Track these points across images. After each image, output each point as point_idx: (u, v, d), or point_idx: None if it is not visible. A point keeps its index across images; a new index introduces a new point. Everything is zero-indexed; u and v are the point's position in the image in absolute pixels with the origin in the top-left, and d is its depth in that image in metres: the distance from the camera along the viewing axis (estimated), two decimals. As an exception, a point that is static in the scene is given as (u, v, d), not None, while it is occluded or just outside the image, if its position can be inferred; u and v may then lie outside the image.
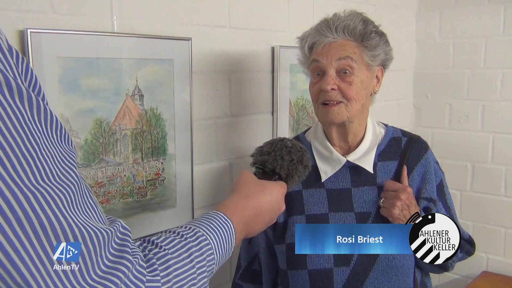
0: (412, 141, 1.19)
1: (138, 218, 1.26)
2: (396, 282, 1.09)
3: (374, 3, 1.99)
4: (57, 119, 0.51)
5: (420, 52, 2.33)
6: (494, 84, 2.12)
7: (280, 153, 0.89)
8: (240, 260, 1.26)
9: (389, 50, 1.14)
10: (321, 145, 1.17)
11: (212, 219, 0.69)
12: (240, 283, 1.25)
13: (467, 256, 1.23)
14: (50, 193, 0.45)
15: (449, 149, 2.25)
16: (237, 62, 1.50)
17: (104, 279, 0.48)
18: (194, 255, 0.62)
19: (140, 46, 1.21)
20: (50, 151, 0.48)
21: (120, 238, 0.53)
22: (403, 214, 1.07)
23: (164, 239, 0.61)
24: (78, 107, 1.10)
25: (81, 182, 0.51)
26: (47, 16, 1.05)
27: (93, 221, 0.50)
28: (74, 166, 0.50)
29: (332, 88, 1.06)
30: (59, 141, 0.50)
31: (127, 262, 0.51)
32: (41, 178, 0.45)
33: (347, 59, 1.06)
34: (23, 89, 0.46)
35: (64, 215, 0.46)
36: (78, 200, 0.49)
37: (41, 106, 0.48)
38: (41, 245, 0.44)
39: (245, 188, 0.80)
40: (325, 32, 1.07)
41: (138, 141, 1.24)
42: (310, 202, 1.14)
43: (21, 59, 0.50)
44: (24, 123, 0.45)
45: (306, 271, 1.09)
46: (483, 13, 2.12)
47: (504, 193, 2.14)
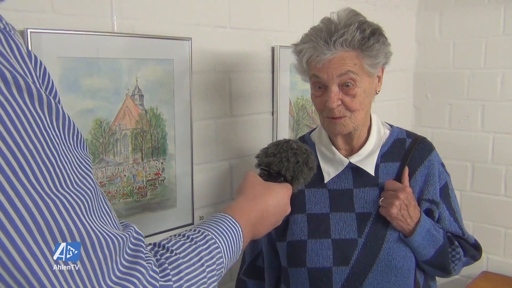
0: (416, 142, 1.18)
1: (138, 218, 1.26)
2: (395, 283, 1.09)
3: (374, 3, 1.99)
4: (74, 124, 0.51)
5: (420, 52, 2.33)
6: (494, 84, 2.12)
7: (285, 155, 0.89)
8: (244, 256, 1.27)
9: (388, 50, 1.11)
10: (325, 147, 1.17)
11: (220, 222, 0.69)
12: (244, 278, 1.26)
13: (472, 261, 1.20)
14: (69, 200, 0.46)
15: (449, 149, 2.25)
16: (237, 62, 1.50)
17: (119, 285, 0.49)
18: (205, 258, 0.62)
19: (140, 46, 1.21)
20: (68, 157, 0.48)
21: (134, 243, 0.53)
22: (401, 214, 1.07)
23: (174, 243, 0.61)
24: (78, 107, 1.10)
25: (97, 188, 0.51)
26: (47, 16, 1.05)
27: (109, 227, 0.50)
28: (91, 172, 0.51)
29: (337, 105, 1.05)
30: (76, 146, 0.51)
31: (141, 267, 0.51)
32: (60, 185, 0.45)
33: (348, 74, 1.03)
34: (42, 94, 0.46)
35: (82, 222, 0.46)
36: (95, 206, 0.49)
37: (60, 112, 0.48)
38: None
39: (251, 190, 0.81)
40: (322, 49, 1.02)
41: (138, 141, 1.24)
42: (312, 202, 1.14)
43: (39, 63, 0.50)
44: (44, 129, 0.45)
45: (305, 269, 1.10)
46: (483, 13, 2.12)
47: (504, 193, 2.14)
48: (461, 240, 1.17)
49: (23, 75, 0.45)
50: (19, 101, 0.44)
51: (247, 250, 1.26)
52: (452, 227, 1.16)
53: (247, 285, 1.25)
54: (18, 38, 0.48)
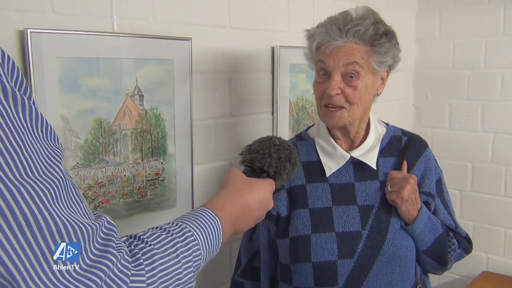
0: (412, 139, 1.23)
1: (138, 218, 1.26)
2: (399, 273, 1.10)
3: (374, 3, 1.99)
4: (43, 117, 0.52)
5: (420, 52, 2.33)
6: (494, 84, 2.12)
7: (268, 151, 0.90)
8: (240, 257, 1.26)
9: (398, 54, 1.14)
10: (325, 141, 1.19)
11: (199, 216, 0.70)
12: (240, 280, 1.25)
13: (465, 254, 1.25)
14: (34, 187, 0.46)
15: (449, 149, 2.25)
16: (237, 62, 1.50)
17: (88, 272, 0.49)
18: (180, 250, 0.62)
19: (140, 46, 1.21)
20: (35, 147, 0.48)
21: (105, 233, 0.54)
22: (411, 198, 1.10)
23: (150, 235, 0.62)
24: (78, 107, 1.10)
25: (67, 178, 0.52)
26: (47, 16, 1.05)
27: (77, 216, 0.50)
28: (60, 162, 0.51)
29: (336, 93, 1.07)
30: (45, 138, 0.51)
31: (111, 256, 0.52)
32: (25, 173, 0.46)
33: (354, 65, 1.05)
34: (7, 87, 0.47)
35: (48, 209, 0.47)
36: (63, 195, 0.50)
37: (26, 104, 0.49)
38: (25, 238, 0.45)
39: (233, 186, 0.82)
40: (334, 35, 1.05)
41: (138, 141, 1.24)
42: (314, 196, 1.15)
43: (7, 57, 0.51)
44: (9, 119, 0.46)
45: (310, 264, 1.10)
46: (483, 13, 2.12)
47: (504, 193, 2.14)
48: (454, 232, 1.22)
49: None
50: None
51: (243, 251, 1.25)
52: (446, 219, 1.21)
53: (244, 287, 1.25)
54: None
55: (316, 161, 1.18)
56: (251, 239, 1.23)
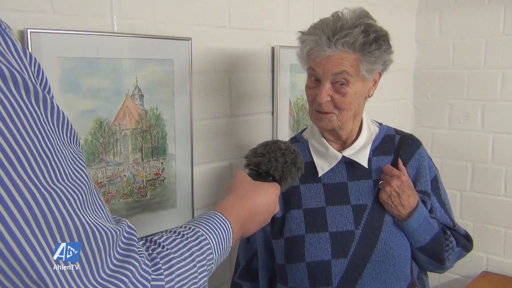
0: (405, 138, 1.24)
1: (138, 218, 1.26)
2: (394, 272, 1.11)
3: (374, 3, 1.99)
4: (68, 120, 0.52)
5: (420, 52, 2.33)
6: (494, 84, 2.12)
7: (274, 155, 0.90)
8: (238, 259, 1.27)
9: (389, 59, 1.12)
10: (317, 142, 1.20)
11: (210, 219, 0.70)
12: (239, 282, 1.26)
13: (464, 252, 1.23)
14: (65, 193, 0.46)
15: (449, 149, 2.25)
16: (237, 62, 1.50)
17: (113, 277, 0.49)
18: (195, 254, 0.63)
19: (140, 46, 1.21)
20: (63, 152, 0.49)
21: (127, 237, 0.54)
22: (392, 201, 1.11)
23: (166, 239, 0.62)
24: (78, 107, 1.10)
25: (91, 182, 0.52)
26: (47, 16, 1.05)
27: (102, 221, 0.51)
28: (84, 167, 0.52)
29: (326, 101, 1.08)
30: (70, 142, 0.52)
31: (134, 261, 0.52)
32: (56, 178, 0.46)
33: (343, 73, 1.06)
34: (38, 90, 0.47)
35: (77, 214, 0.47)
36: (89, 200, 0.50)
37: (55, 107, 0.49)
38: (56, 246, 0.45)
39: (241, 189, 0.82)
40: (323, 45, 1.04)
41: (138, 141, 1.24)
42: (308, 197, 1.16)
43: (34, 59, 0.51)
44: (40, 124, 0.46)
45: (304, 264, 1.10)
46: (483, 13, 2.12)
47: (504, 193, 2.14)
48: (452, 231, 1.21)
49: (19, 71, 0.46)
50: (16, 96, 0.44)
51: (241, 253, 1.26)
52: (443, 218, 1.21)
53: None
54: (13, 35, 0.49)
55: (310, 162, 1.18)
56: (248, 241, 1.24)
